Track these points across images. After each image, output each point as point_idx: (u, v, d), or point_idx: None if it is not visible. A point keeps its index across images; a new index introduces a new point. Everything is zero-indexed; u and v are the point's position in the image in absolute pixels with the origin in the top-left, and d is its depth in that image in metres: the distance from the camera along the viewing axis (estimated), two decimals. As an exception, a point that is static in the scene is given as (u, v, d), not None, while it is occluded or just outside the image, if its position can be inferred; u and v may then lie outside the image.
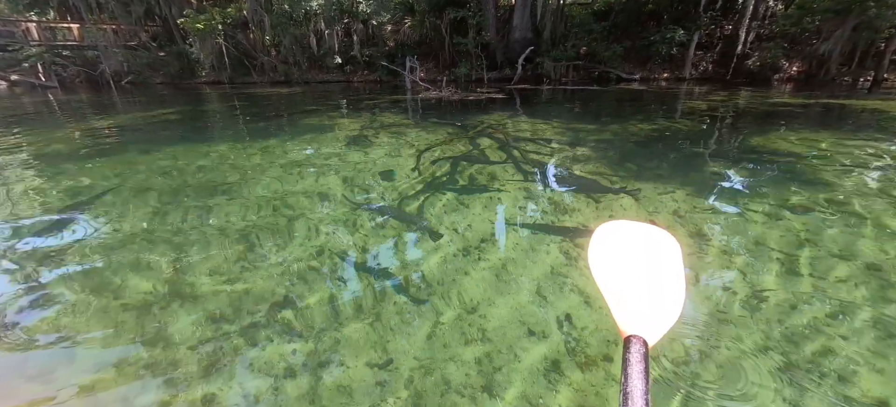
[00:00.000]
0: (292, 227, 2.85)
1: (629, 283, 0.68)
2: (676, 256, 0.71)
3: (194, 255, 2.48)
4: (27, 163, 4.79)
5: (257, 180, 3.81)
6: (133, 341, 1.77)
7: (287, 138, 5.72)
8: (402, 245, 2.63)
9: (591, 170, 4.10)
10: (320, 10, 14.01)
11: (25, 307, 2.02)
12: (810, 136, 5.22)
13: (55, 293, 2.13)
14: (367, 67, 16.69)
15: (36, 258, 2.51)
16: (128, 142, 5.84)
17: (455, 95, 10.59)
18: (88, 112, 9.66)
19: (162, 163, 4.44)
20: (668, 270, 0.69)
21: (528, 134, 5.67)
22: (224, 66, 16.54)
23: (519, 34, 15.30)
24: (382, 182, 3.78)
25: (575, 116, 7.22)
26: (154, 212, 3.07)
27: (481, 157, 4.63)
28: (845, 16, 11.36)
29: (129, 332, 1.83)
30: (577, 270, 2.29)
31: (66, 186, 3.81)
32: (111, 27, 18.68)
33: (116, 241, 2.68)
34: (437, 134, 5.73)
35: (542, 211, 3.15)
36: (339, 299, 2.06)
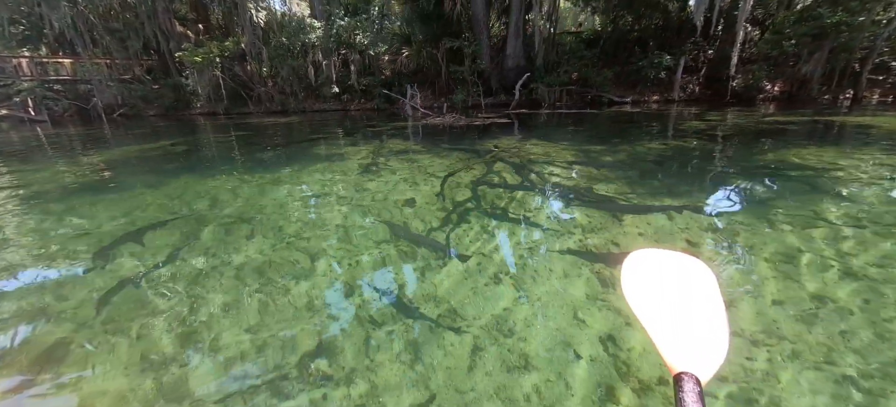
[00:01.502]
0: (315, 264, 2.72)
1: (670, 316, 0.66)
2: (713, 286, 0.70)
3: (214, 298, 2.32)
4: (28, 201, 4.60)
5: (275, 215, 3.68)
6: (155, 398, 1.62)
7: (298, 168, 5.63)
8: (431, 275, 2.55)
9: (614, 190, 4.11)
10: (318, 41, 14.25)
11: (36, 361, 1.85)
12: (818, 152, 5.36)
13: (67, 345, 1.97)
14: (364, 96, 16.89)
15: (41, 308, 2.34)
16: (134, 175, 5.69)
17: (460, 121, 10.71)
18: (86, 146, 9.46)
19: (172, 199, 4.28)
20: (708, 302, 0.68)
21: (542, 157, 5.70)
22: (221, 97, 16.57)
23: (512, 61, 15.75)
24: (404, 210, 3.70)
25: (582, 139, 7.32)
26: (170, 253, 2.90)
27: (501, 181, 4.61)
28: (822, 39, 12.01)
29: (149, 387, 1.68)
30: (612, 290, 2.25)
31: (75, 226, 3.65)
32: (105, 61, 18.67)
33: (132, 286, 2.51)
34: (450, 159, 5.72)
35: (569, 232, 3.12)
36: (370, 337, 1.96)
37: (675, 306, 0.67)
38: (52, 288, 2.52)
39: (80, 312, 2.24)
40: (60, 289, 2.50)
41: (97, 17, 16.92)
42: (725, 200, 3.76)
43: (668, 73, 15.34)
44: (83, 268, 2.77)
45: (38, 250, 3.11)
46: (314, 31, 14.08)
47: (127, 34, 16.44)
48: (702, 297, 0.68)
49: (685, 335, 0.62)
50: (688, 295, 0.69)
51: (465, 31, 14.88)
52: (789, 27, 13.21)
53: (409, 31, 15.28)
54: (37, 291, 2.49)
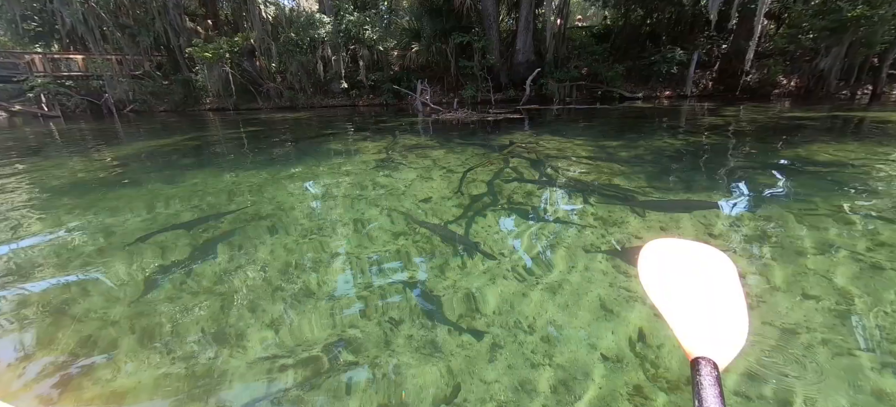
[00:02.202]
0: (336, 261, 2.69)
1: (689, 302, 0.65)
2: (733, 275, 0.68)
3: (238, 295, 2.31)
4: (50, 195, 4.64)
5: (294, 211, 3.66)
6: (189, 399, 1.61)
7: (314, 164, 5.62)
8: (450, 271, 2.51)
9: (634, 185, 4.05)
10: (328, 37, 14.23)
11: (68, 363, 1.83)
12: (841, 147, 5.24)
13: (96, 343, 1.96)
14: (372, 91, 16.87)
15: (67, 306, 2.35)
16: (151, 171, 5.70)
17: (473, 117, 10.64)
18: (100, 142, 9.55)
19: (191, 195, 4.28)
20: (727, 290, 0.66)
21: (558, 152, 5.64)
22: (230, 92, 16.63)
23: (522, 57, 15.62)
24: (423, 206, 3.67)
25: (597, 134, 7.23)
26: (192, 251, 2.89)
27: (518, 176, 4.56)
28: (841, 33, 11.74)
29: (183, 390, 1.67)
30: (638, 286, 2.20)
31: (99, 225, 3.67)
32: (116, 57, 18.83)
33: (157, 283, 2.50)
34: (465, 155, 5.67)
35: (590, 227, 3.08)
36: (392, 332, 1.94)
37: (693, 293, 0.66)
38: (77, 287, 2.52)
39: (109, 309, 2.25)
40: (86, 288, 2.51)
41: (108, 13, 17.04)
42: (747, 196, 3.69)
43: (680, 68, 15.12)
44: (106, 267, 2.78)
45: (63, 250, 3.12)
46: (324, 27, 14.06)
47: (137, 30, 16.54)
48: (721, 284, 0.67)
49: (703, 321, 0.61)
50: (706, 282, 0.68)
51: (474, 25, 14.76)
52: (807, 21, 12.94)
53: (418, 26, 15.19)
54: (62, 289, 2.50)
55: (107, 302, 2.27)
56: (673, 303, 0.66)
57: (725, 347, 0.57)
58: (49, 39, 20.24)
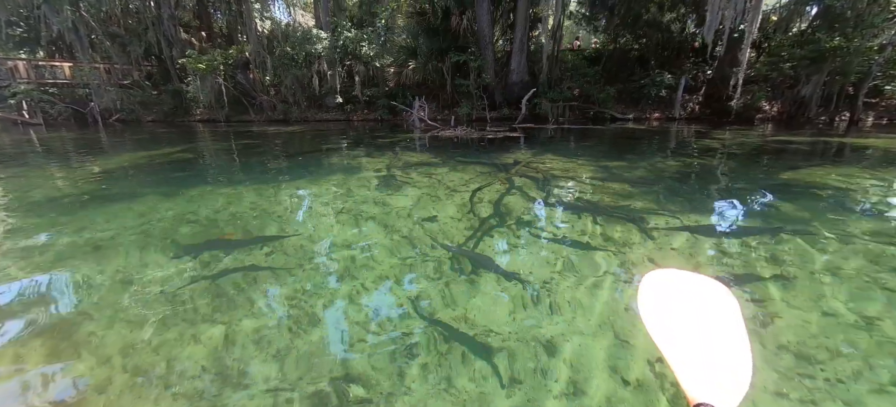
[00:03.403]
0: (341, 284, 2.60)
1: (689, 341, 0.64)
2: (735, 312, 0.67)
3: (242, 322, 2.18)
4: (32, 210, 4.41)
5: (297, 231, 3.54)
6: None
7: (315, 180, 5.51)
8: (461, 294, 2.45)
9: (641, 206, 4.08)
10: (324, 52, 14.25)
11: (54, 391, 1.69)
12: (836, 170, 5.40)
13: (86, 375, 1.81)
14: (367, 107, 16.86)
15: (56, 330, 2.19)
16: (144, 183, 5.50)
17: (472, 134, 10.69)
18: (87, 152, 9.23)
19: (186, 209, 4.12)
20: (729, 329, 0.65)
21: (562, 172, 5.67)
22: (222, 104, 16.41)
23: (516, 77, 15.91)
24: (429, 226, 3.59)
25: (597, 154, 7.33)
26: (192, 274, 2.73)
27: (525, 197, 4.55)
28: (821, 62, 12.32)
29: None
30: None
31: (86, 241, 3.48)
32: (104, 66, 18.45)
33: (157, 310, 2.34)
34: (468, 173, 5.65)
35: (600, 248, 3.08)
36: (404, 360, 1.87)
37: (695, 332, 0.65)
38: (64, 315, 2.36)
39: (106, 336, 2.09)
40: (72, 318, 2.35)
41: (98, 22, 16.77)
42: (751, 219, 3.75)
43: (668, 91, 15.60)
44: (93, 294, 2.61)
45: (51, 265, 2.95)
46: (321, 42, 14.09)
47: (129, 40, 16.29)
48: (723, 323, 0.65)
49: (705, 363, 0.59)
50: (707, 319, 0.66)
51: (470, 45, 15.01)
52: (786, 50, 13.57)
53: (415, 45, 15.37)
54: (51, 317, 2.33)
55: (96, 330, 2.12)
56: (673, 340, 0.64)
57: (728, 392, 0.54)
58: (34, 46, 19.74)
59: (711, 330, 0.64)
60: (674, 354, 0.61)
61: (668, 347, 0.63)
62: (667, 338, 0.64)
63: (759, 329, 2.03)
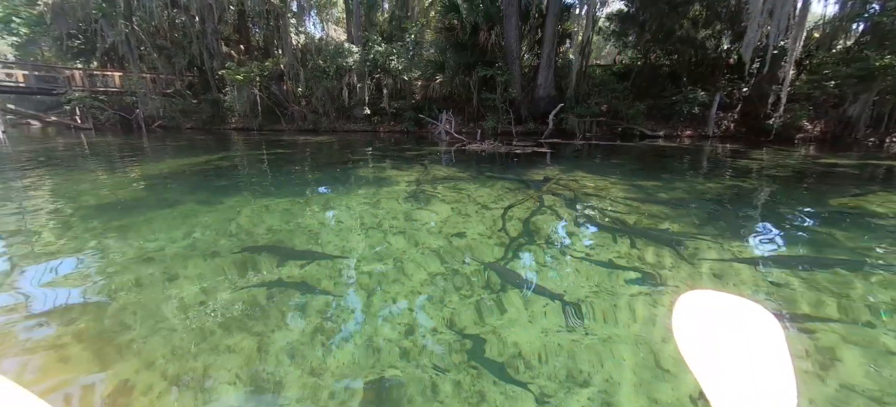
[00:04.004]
0: (373, 299, 2.61)
1: (728, 367, 0.60)
2: (780, 339, 0.62)
3: (274, 334, 2.21)
4: (82, 212, 4.69)
5: (328, 244, 3.58)
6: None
7: (346, 192, 5.61)
8: (491, 315, 2.42)
9: (679, 228, 3.94)
10: (355, 66, 14.69)
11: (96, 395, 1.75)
12: (891, 197, 5.06)
13: (127, 379, 1.87)
14: (393, 118, 17.18)
15: (101, 333, 2.29)
16: (185, 191, 5.74)
17: (500, 148, 10.69)
18: (132, 157, 9.80)
19: (226, 220, 4.22)
20: (772, 357, 0.60)
21: (594, 190, 5.56)
22: (256, 113, 17.12)
23: (543, 91, 15.86)
24: (458, 242, 3.58)
25: (630, 172, 7.16)
26: (231, 285, 2.80)
27: (557, 215, 4.48)
28: (870, 82, 11.67)
29: None
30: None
31: (134, 248, 3.67)
32: (151, 76, 19.66)
33: (196, 318, 2.42)
34: (497, 189, 5.63)
35: (637, 271, 2.98)
36: (436, 377, 1.85)
37: (734, 357, 0.61)
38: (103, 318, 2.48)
39: (145, 346, 2.18)
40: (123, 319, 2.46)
41: (147, 35, 17.94)
42: (797, 246, 3.55)
43: (701, 108, 15.15)
44: (145, 293, 2.74)
45: (104, 272, 3.11)
46: (352, 56, 14.54)
47: (174, 52, 17.32)
48: (765, 349, 0.61)
49: (744, 392, 0.56)
50: (749, 345, 0.62)
51: (498, 60, 15.11)
52: (830, 68, 12.95)
53: (443, 59, 15.62)
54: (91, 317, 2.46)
55: (138, 336, 2.21)
56: (710, 365, 0.60)
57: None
58: (89, 57, 21.27)
59: (752, 356, 0.61)
60: (711, 381, 0.59)
61: (705, 373, 0.60)
62: (703, 363, 0.62)
63: (803, 361, 1.91)
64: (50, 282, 2.79)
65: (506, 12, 14.83)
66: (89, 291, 2.68)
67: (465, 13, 15.19)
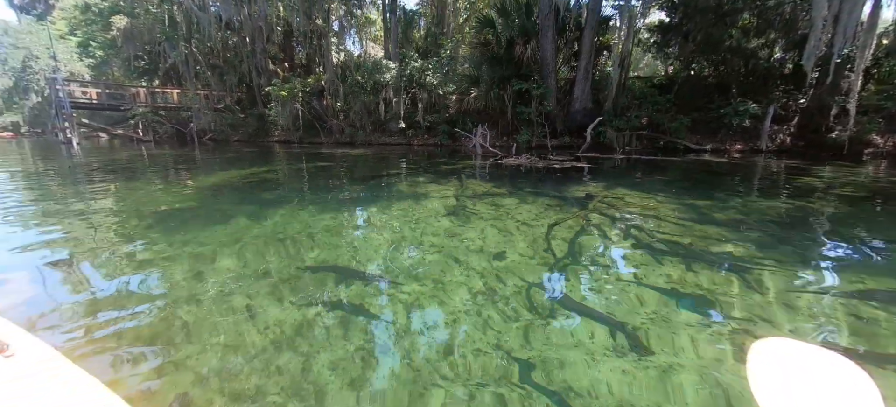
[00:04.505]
0: (412, 318, 2.57)
1: None
2: (874, 399, 0.56)
3: (318, 351, 2.21)
4: (142, 222, 5.03)
5: (368, 261, 3.60)
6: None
7: (386, 207, 5.67)
8: (538, 336, 2.31)
9: (743, 254, 3.65)
10: (391, 81, 15.11)
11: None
12: None
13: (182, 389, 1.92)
14: (427, 132, 17.44)
15: (157, 342, 2.39)
16: (235, 203, 6.02)
17: (538, 163, 10.54)
18: (188, 167, 10.51)
19: (274, 234, 4.35)
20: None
21: (641, 209, 5.31)
22: (297, 127, 17.95)
23: (579, 105, 15.54)
24: (499, 262, 3.48)
25: (678, 190, 6.80)
26: (278, 298, 2.85)
27: (603, 235, 4.30)
28: (955, 92, 10.51)
29: None
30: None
31: (189, 255, 3.87)
32: (204, 93, 21.22)
33: (245, 330, 2.49)
34: (537, 206, 5.50)
35: (698, 299, 2.76)
36: (480, 402, 1.78)
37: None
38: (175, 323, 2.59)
39: (199, 361, 2.25)
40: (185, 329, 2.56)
41: (203, 55, 19.41)
42: (880, 277, 3.15)
43: (753, 121, 14.25)
44: (202, 306, 2.85)
45: (162, 284, 3.29)
46: (389, 72, 14.98)
47: (226, 70, 18.59)
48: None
49: None
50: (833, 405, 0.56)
51: (533, 73, 15.02)
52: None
53: (477, 73, 15.73)
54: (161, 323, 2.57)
55: (195, 352, 2.29)
56: None
57: None
58: (152, 76, 23.30)
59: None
60: None
61: None
62: None
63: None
64: (108, 291, 2.98)
65: (542, 26, 14.77)
66: (147, 300, 2.84)
67: (501, 28, 15.28)
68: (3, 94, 45.64)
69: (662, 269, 3.38)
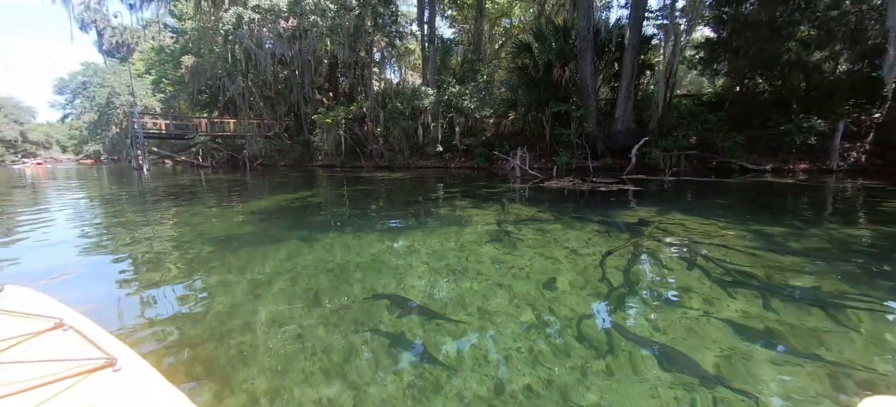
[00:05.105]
0: (462, 352, 2.46)
1: None
2: None
3: (368, 384, 2.17)
4: (201, 244, 5.35)
5: (411, 289, 3.55)
6: None
7: (430, 233, 5.61)
8: (597, 375, 2.13)
9: (829, 288, 3.25)
10: (430, 106, 15.50)
11: None
12: None
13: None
14: (464, 155, 17.58)
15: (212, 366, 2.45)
16: (286, 229, 6.23)
17: (582, 186, 10.25)
18: (241, 192, 11.22)
19: (323, 257, 4.47)
20: None
21: (702, 236, 4.94)
22: (340, 152, 18.77)
23: (621, 125, 15.08)
24: (548, 293, 3.31)
25: (742, 215, 6.30)
26: (326, 323, 2.89)
27: (662, 265, 4.02)
28: None
29: None
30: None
31: (247, 281, 4.04)
32: (256, 122, 22.87)
33: (299, 364, 2.50)
34: (586, 232, 5.29)
35: (781, 337, 2.48)
36: None
37: None
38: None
39: (255, 386, 2.29)
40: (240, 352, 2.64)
41: (257, 87, 21.03)
42: None
43: (819, 138, 13.10)
44: (257, 331, 2.93)
45: (219, 308, 3.44)
46: (427, 98, 15.41)
47: (277, 100, 19.97)
48: None
49: None
50: None
51: (571, 95, 14.84)
52: None
53: (514, 96, 15.78)
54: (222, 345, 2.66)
55: (250, 375, 2.33)
56: None
57: None
58: (212, 108, 25.51)
59: None
60: None
61: None
62: None
63: None
64: (167, 315, 3.13)
65: (580, 48, 14.66)
66: (204, 324, 2.96)
67: (538, 52, 15.34)
68: (89, 127, 51.82)
69: (735, 302, 3.09)
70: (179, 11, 26.42)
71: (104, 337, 1.68)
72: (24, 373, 1.35)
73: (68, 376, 1.34)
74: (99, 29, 33.47)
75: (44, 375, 1.32)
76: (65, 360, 1.43)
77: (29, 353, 1.52)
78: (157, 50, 29.15)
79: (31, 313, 1.79)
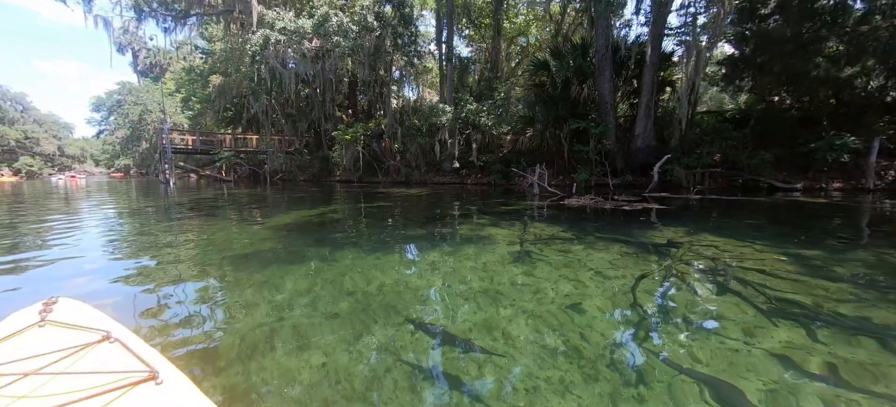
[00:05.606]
0: (489, 379, 2.36)
1: None
2: None
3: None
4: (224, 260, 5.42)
5: (432, 312, 3.47)
6: None
7: (450, 252, 5.49)
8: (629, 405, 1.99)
9: (883, 318, 3.03)
10: (447, 123, 15.63)
11: None
12: None
13: None
14: (480, 171, 17.57)
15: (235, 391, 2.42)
16: (306, 245, 6.20)
17: (605, 204, 10.06)
18: (262, 207, 11.44)
19: (344, 277, 4.41)
20: None
21: (735, 258, 4.73)
22: (358, 167, 19.05)
23: (641, 142, 14.84)
24: (576, 317, 3.18)
25: (778, 237, 6.01)
26: (348, 347, 2.80)
27: (694, 289, 3.84)
28: None
29: None
30: None
31: (268, 301, 4.05)
32: (277, 138, 23.53)
33: (320, 391, 2.46)
34: (611, 253, 5.13)
35: (832, 371, 2.30)
36: None
37: None
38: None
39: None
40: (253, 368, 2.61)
41: (279, 104, 21.69)
42: None
43: (852, 156, 12.57)
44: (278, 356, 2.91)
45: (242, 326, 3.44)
46: (445, 115, 15.56)
47: (298, 117, 20.54)
48: None
49: None
50: None
51: (590, 112, 14.73)
52: None
53: (532, 114, 15.77)
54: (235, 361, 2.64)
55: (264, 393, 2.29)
56: None
57: None
58: (237, 124, 26.42)
59: None
60: None
61: None
62: None
63: None
64: (186, 330, 3.15)
65: (599, 65, 14.61)
66: (227, 341, 2.96)
67: (555, 70, 15.35)
68: (121, 142, 54.52)
69: (778, 332, 2.90)
70: (209, 34, 27.76)
71: (147, 351, 1.75)
72: (73, 384, 1.44)
73: (113, 389, 1.41)
74: (134, 51, 35.44)
75: (90, 387, 1.41)
76: (110, 371, 1.50)
77: (78, 365, 1.60)
78: (187, 70, 30.59)
79: (82, 326, 1.88)
